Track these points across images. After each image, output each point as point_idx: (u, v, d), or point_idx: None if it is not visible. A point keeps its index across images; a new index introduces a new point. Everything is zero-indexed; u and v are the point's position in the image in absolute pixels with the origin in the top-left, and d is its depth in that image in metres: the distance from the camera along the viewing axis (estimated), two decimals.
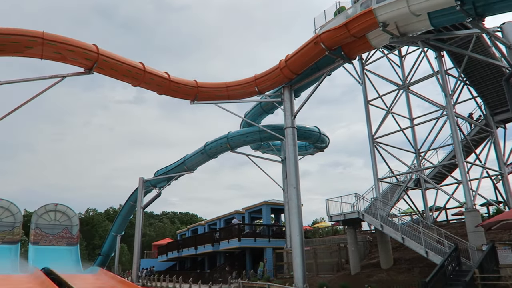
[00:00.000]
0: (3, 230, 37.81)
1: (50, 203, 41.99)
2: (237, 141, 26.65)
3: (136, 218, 33.02)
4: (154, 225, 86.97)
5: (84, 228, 68.61)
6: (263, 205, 31.11)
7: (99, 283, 28.24)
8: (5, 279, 26.29)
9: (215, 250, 31.13)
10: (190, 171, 30.66)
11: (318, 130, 27.56)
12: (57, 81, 18.20)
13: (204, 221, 43.45)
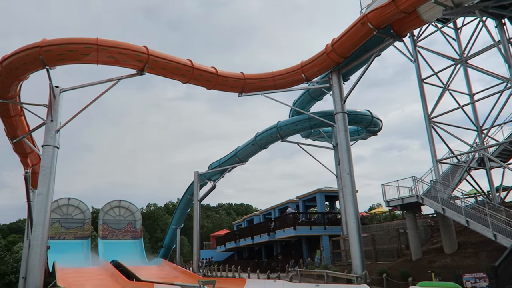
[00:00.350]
0: (75, 227, 40.91)
1: (114, 200, 44.72)
2: (287, 130, 26.64)
3: (194, 210, 34.25)
4: (211, 217, 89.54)
5: (146, 222, 72.27)
6: (317, 193, 30.93)
7: (163, 273, 29.77)
8: (79, 271, 28.52)
9: (271, 240, 31.49)
10: (242, 162, 31.18)
11: (370, 113, 26.81)
12: (112, 84, 19.26)
13: (259, 211, 44.06)
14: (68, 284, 20.17)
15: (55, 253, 31.98)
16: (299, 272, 21.12)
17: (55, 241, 36.54)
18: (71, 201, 41.93)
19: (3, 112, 19.90)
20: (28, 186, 22.12)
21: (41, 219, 17.18)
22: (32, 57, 17.14)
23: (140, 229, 44.35)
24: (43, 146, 18.07)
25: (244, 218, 47.43)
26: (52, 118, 18.29)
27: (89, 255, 38.01)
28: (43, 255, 17.00)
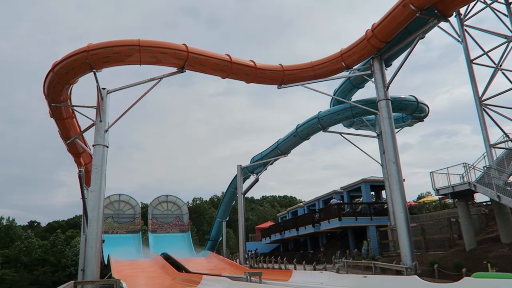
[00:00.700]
0: (126, 221, 42.89)
1: (161, 195, 46.40)
2: (328, 120, 26.27)
3: (238, 203, 34.75)
4: (256, 209, 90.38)
5: (192, 215, 74.27)
6: (362, 183, 30.35)
7: (211, 265, 30.54)
8: (132, 263, 29.90)
9: (316, 231, 31.35)
10: (284, 154, 31.16)
11: (415, 99, 25.80)
12: (155, 83, 19.87)
13: (303, 203, 43.94)
14: (122, 276, 21.22)
15: (110, 247, 33.66)
16: (345, 263, 20.90)
17: (109, 235, 38.42)
18: (122, 197, 43.95)
19: (56, 115, 21.13)
20: (82, 184, 23.42)
21: (95, 214, 18.15)
22: (80, 62, 18.03)
23: (187, 223, 45.68)
24: (93, 146, 19.03)
25: (288, 210, 47.50)
26: (101, 119, 19.18)
27: (140, 248, 39.66)
28: (98, 249, 17.99)
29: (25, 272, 57.92)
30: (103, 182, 18.60)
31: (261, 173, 33.97)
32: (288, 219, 42.11)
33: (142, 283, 22.22)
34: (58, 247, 64.50)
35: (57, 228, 73.72)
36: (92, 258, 17.60)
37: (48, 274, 58.33)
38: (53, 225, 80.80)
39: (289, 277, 18.53)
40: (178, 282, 22.06)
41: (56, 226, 79.03)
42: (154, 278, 24.48)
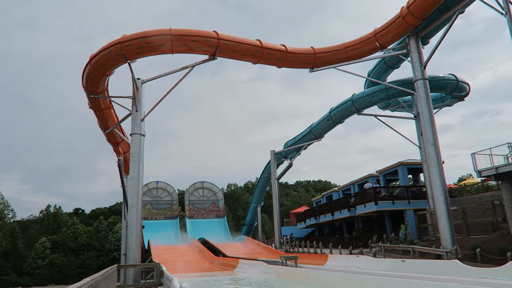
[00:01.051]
0: (164, 208, 44.15)
1: (197, 182, 47.28)
2: (363, 103, 25.70)
3: (272, 189, 34.92)
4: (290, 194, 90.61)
5: (228, 201, 75.47)
6: (399, 166, 29.65)
7: (247, 249, 31.02)
8: (171, 248, 30.84)
9: (352, 215, 31.08)
10: (317, 139, 30.87)
11: (455, 77, 24.72)
12: (187, 71, 20.12)
13: (337, 187, 43.57)
14: (162, 260, 21.97)
15: (149, 232, 34.82)
16: (382, 248, 20.64)
17: (148, 221, 39.70)
18: (159, 184, 45.17)
19: (95, 106, 21.91)
20: (121, 172, 24.30)
21: (135, 201, 18.83)
22: (115, 53, 18.52)
23: (223, 208, 46.42)
24: (131, 135, 19.63)
25: (323, 195, 47.27)
26: (137, 108, 19.71)
27: (178, 233, 40.78)
28: (139, 234, 18.71)
29: (73, 256, 61.24)
30: (141, 169, 19.20)
31: (295, 158, 33.87)
32: (323, 203, 41.95)
33: (181, 267, 22.93)
34: (102, 233, 67.66)
35: (100, 215, 77.17)
36: (133, 243, 18.34)
37: (93, 258, 61.41)
38: (96, 212, 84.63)
39: (325, 261, 18.54)
40: (216, 266, 22.60)
41: (99, 213, 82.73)
42: (192, 262, 25.18)
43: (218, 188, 47.75)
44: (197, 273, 20.06)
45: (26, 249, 62.29)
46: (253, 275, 16.33)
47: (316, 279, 12.25)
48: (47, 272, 57.47)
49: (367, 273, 11.28)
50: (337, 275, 11.68)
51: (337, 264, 16.68)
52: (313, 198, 57.71)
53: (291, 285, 12.56)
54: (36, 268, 57.92)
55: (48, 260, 58.56)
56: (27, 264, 58.51)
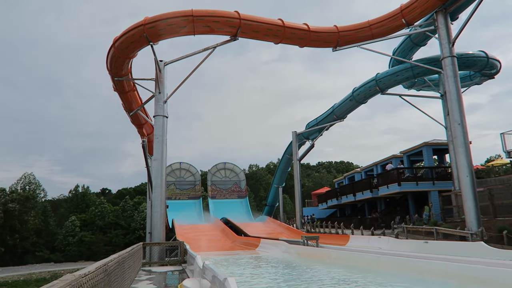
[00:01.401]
0: (187, 188, 44.95)
1: (219, 163, 47.78)
2: (387, 82, 25.13)
3: (294, 170, 34.96)
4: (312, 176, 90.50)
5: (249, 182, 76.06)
6: (423, 146, 29.05)
7: (269, 229, 31.39)
8: (195, 227, 31.52)
9: (375, 196, 30.85)
10: (340, 119, 30.53)
11: (485, 54, 23.76)
12: (209, 52, 20.09)
13: (360, 168, 43.20)
14: (186, 239, 22.49)
15: (173, 212, 35.62)
16: (405, 229, 20.49)
17: (172, 201, 40.57)
18: (182, 165, 45.90)
19: (119, 89, 22.26)
20: (146, 153, 24.80)
21: (159, 182, 19.25)
22: (138, 36, 18.65)
23: (245, 189, 46.87)
24: (154, 117, 19.93)
25: (345, 176, 47.00)
26: (160, 90, 19.93)
27: (201, 213, 41.56)
28: (163, 214, 19.19)
29: (100, 234, 63.47)
30: (164, 150, 19.54)
31: (317, 139, 33.67)
32: (345, 184, 41.75)
33: (204, 246, 23.47)
34: (128, 212, 69.65)
35: (125, 195, 79.32)
36: (158, 222, 18.84)
37: (120, 237, 63.46)
38: (122, 192, 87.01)
39: (346, 242, 18.59)
40: (238, 245, 23.02)
41: (124, 192, 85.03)
42: (215, 241, 25.72)
43: (240, 169, 48.14)
44: (219, 251, 20.51)
45: (57, 227, 64.93)
46: (275, 255, 16.58)
47: (337, 259, 12.33)
48: (77, 249, 59.91)
49: (389, 253, 11.28)
50: (358, 255, 11.72)
51: (358, 245, 16.71)
52: (335, 179, 57.46)
53: (312, 264, 12.70)
54: (67, 245, 60.46)
55: (78, 238, 60.95)
56: (59, 241, 61.10)
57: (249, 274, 11.01)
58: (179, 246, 17.39)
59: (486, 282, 6.39)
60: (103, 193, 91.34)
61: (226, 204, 43.43)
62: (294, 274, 10.93)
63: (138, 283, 10.79)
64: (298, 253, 15.49)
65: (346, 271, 10.35)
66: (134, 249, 12.04)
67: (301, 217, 33.88)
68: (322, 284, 8.65)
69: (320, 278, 9.65)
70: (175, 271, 14.26)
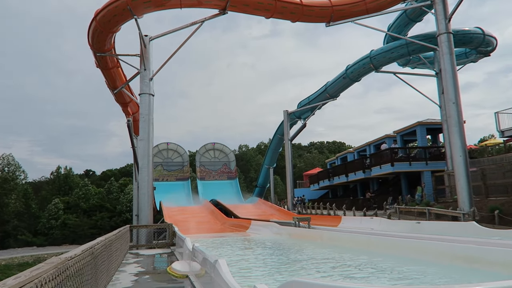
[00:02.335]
0: (175, 169, 44.94)
1: (208, 143, 47.73)
2: (382, 59, 25.13)
3: (285, 150, 35.13)
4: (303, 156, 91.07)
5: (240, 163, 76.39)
6: (417, 126, 29.34)
7: (259, 211, 31.73)
8: (183, 209, 31.72)
9: (367, 177, 31.25)
10: (333, 98, 30.59)
11: (481, 31, 23.84)
12: (197, 27, 19.77)
13: (352, 149, 43.59)
14: (174, 221, 22.68)
15: (161, 194, 35.73)
16: (397, 209, 20.89)
17: (159, 183, 40.64)
18: (170, 145, 45.76)
19: (102, 65, 21.88)
20: (131, 133, 24.63)
21: (145, 162, 19.21)
22: (121, 8, 18.22)
23: (235, 170, 47.05)
24: (139, 95, 19.72)
25: (337, 156, 47.43)
26: (145, 67, 19.65)
27: (190, 194, 41.75)
28: (150, 195, 19.23)
29: (85, 217, 63.53)
30: (151, 130, 19.43)
31: (309, 118, 33.74)
32: (337, 165, 42.16)
33: (193, 227, 23.68)
34: (113, 194, 69.64)
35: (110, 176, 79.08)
36: (145, 204, 18.90)
37: (106, 219, 63.62)
38: (107, 174, 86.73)
39: (338, 223, 18.91)
40: (228, 227, 23.27)
41: (109, 174, 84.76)
42: (204, 223, 25.95)
43: (229, 150, 48.19)
44: (209, 234, 20.73)
45: (40, 210, 64.74)
46: (266, 236, 16.82)
47: (329, 240, 12.57)
48: (60, 232, 59.98)
49: (381, 234, 11.52)
50: (350, 236, 11.95)
51: (350, 226, 17.02)
52: (327, 159, 57.96)
53: (304, 245, 12.94)
54: (50, 229, 60.46)
55: (61, 221, 60.93)
56: (42, 224, 61.05)
57: (239, 255, 11.18)
58: (168, 229, 17.53)
59: (478, 261, 6.59)
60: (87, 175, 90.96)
61: (215, 186, 43.64)
62: (285, 255, 11.13)
63: (125, 266, 10.90)
64: (289, 234, 15.74)
65: (337, 251, 10.57)
66: (121, 231, 12.11)
67: (292, 198, 34.28)
68: (315, 263, 8.84)
69: (312, 258, 9.85)
70: (164, 254, 14.41)
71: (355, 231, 13.23)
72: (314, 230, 15.14)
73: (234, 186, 44.97)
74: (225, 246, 14.18)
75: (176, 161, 45.31)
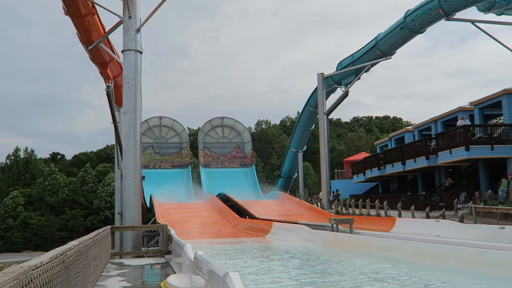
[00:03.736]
0: (171, 153, 45.26)
1: (215, 118, 47.78)
2: (455, 2, 24.55)
3: (320, 128, 34.98)
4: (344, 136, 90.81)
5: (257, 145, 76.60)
6: (503, 95, 28.70)
7: (284, 209, 31.92)
8: (182, 206, 32.14)
9: (432, 165, 30.95)
10: (386, 56, 30.16)
11: None
12: None
13: (412, 126, 43.13)
14: (170, 222, 22.95)
15: (152, 185, 36.14)
16: (473, 210, 20.71)
17: (149, 171, 41.10)
18: (163, 120, 46.06)
19: (73, 11, 21.93)
20: (112, 103, 24.87)
21: (131, 143, 19.39)
22: None
23: (250, 154, 47.12)
24: (123, 52, 19.78)
25: (390, 137, 47.02)
26: (130, 14, 19.64)
27: (190, 187, 42.13)
28: (138, 187, 19.47)
29: (52, 215, 64.85)
30: (138, 100, 19.56)
31: (352, 84, 33.42)
32: (391, 148, 41.88)
33: (194, 230, 23.98)
34: (89, 186, 71.03)
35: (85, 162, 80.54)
36: (132, 199, 19.17)
37: (79, 218, 64.96)
38: (80, 158, 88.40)
39: (391, 227, 18.87)
40: (241, 230, 23.50)
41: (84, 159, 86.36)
42: (210, 224, 26.25)
43: (243, 127, 48.26)
44: (216, 239, 20.99)
45: None
46: (292, 243, 16.94)
47: (379, 249, 12.58)
48: (20, 234, 61.46)
49: (450, 242, 11.46)
50: (408, 244, 11.94)
51: (407, 231, 16.97)
52: (377, 141, 57.61)
53: (345, 256, 12.98)
54: (7, 230, 61.76)
55: (21, 220, 62.29)
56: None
57: (256, 269, 11.30)
58: (161, 232, 17.78)
59: None
60: (54, 160, 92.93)
61: (224, 175, 43.88)
62: (320, 269, 11.19)
63: (106, 280, 11.14)
64: (324, 241, 15.81)
65: (390, 265, 10.58)
66: (100, 234, 12.35)
67: (328, 193, 34.30)
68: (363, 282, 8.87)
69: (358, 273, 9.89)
70: (156, 264, 14.67)
71: (414, 238, 13.19)
72: (358, 236, 15.17)
73: (250, 176, 45.15)
74: (237, 255, 14.34)
75: (171, 141, 45.63)
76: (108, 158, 79.97)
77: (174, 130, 46.00)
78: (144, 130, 42.62)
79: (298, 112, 68.29)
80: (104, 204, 66.16)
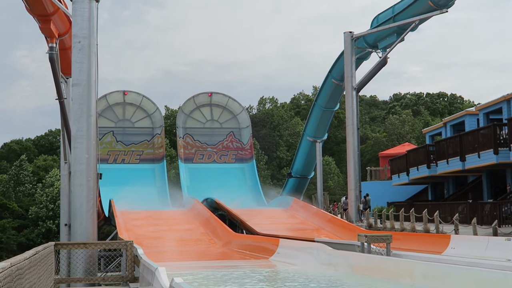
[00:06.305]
0: (138, 142, 44.99)
1: (201, 93, 47.48)
2: None
3: (346, 108, 34.90)
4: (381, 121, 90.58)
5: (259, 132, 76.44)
6: None
7: (295, 222, 31.93)
8: (154, 215, 32.15)
9: (503, 162, 30.95)
10: (440, 8, 30.02)
11: None
12: None
13: (476, 108, 43.09)
14: (136, 237, 22.90)
15: (111, 186, 36.17)
16: None
17: (109, 166, 40.89)
18: (128, 96, 45.77)
19: None
20: (57, 72, 24.76)
21: (83, 127, 19.33)
22: None
23: (250, 144, 46.97)
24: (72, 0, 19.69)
25: (445, 122, 47.02)
26: None
27: (166, 189, 42.07)
28: (92, 189, 19.44)
29: None
30: (93, 67, 19.51)
31: (392, 48, 33.33)
32: (445, 138, 41.84)
33: (171, 250, 24.03)
34: (24, 186, 70.92)
35: (19, 154, 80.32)
36: (83, 205, 19.16)
37: (9, 231, 64.85)
38: (11, 148, 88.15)
39: (444, 248, 18.86)
40: (235, 250, 23.51)
41: (17, 149, 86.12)
42: (192, 242, 26.26)
43: (241, 106, 48.07)
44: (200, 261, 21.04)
45: None
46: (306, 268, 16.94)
47: (427, 278, 12.57)
48: None
49: None
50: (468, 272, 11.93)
51: (467, 254, 16.99)
52: (426, 128, 57.57)
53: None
54: None
55: None
56: None
57: None
58: (124, 251, 17.78)
59: None
60: None
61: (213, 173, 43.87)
62: None
63: None
64: (351, 266, 15.79)
65: None
66: (40, 253, 12.35)
67: (357, 200, 34.28)
68: None
69: None
70: None
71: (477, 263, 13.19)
72: (398, 259, 15.16)
73: (249, 174, 45.13)
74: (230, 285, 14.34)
75: (140, 126, 45.52)
76: (51, 148, 79.93)
77: (143, 110, 45.80)
78: (102, 109, 42.56)
79: (315, 87, 68.16)
80: (45, 212, 66.06)
